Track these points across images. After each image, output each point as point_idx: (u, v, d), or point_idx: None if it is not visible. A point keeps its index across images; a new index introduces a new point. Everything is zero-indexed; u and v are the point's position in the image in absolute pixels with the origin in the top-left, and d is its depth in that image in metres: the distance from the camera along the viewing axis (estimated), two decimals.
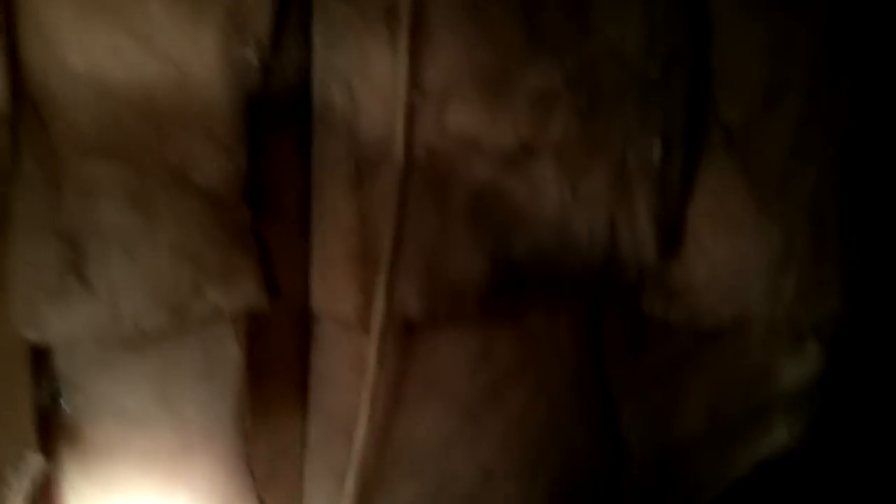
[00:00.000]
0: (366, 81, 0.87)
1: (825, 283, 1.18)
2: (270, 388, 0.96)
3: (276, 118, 0.88)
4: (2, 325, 0.81)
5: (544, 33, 0.93)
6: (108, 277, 0.80)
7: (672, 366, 1.19)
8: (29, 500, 0.84)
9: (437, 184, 0.93)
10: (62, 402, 0.89)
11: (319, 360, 1.00)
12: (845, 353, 1.21)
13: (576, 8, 0.95)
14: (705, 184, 1.13)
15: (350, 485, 1.01)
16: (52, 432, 0.90)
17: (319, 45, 0.87)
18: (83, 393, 0.89)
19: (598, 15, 0.97)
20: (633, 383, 1.19)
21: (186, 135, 0.81)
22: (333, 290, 0.94)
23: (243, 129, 0.84)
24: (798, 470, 1.23)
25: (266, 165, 0.91)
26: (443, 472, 1.06)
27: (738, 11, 1.08)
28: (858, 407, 1.25)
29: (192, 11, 0.78)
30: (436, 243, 0.93)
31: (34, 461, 0.84)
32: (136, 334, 0.83)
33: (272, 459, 0.98)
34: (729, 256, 1.13)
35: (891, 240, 1.24)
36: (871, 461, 1.28)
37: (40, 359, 0.87)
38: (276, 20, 0.83)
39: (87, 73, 0.77)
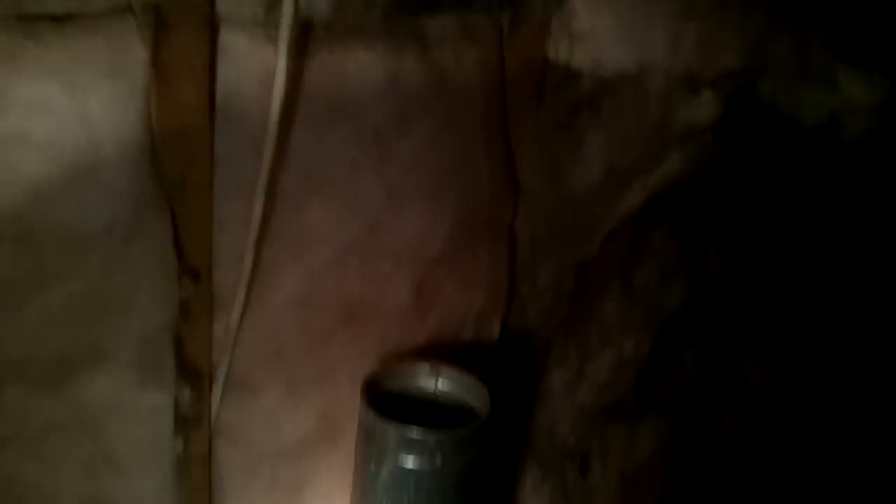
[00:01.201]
0: None
1: (725, 38, 1.23)
2: (178, 94, 0.97)
3: None
4: None
5: None
6: None
7: (573, 112, 1.24)
8: None
9: None
10: None
11: (227, 73, 1.00)
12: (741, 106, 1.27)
13: None
14: None
15: (258, 199, 1.05)
16: None
17: None
18: None
19: None
20: (534, 129, 1.24)
21: None
22: None
23: None
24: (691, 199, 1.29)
25: None
26: (350, 193, 1.11)
27: None
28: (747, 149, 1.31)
29: None
30: None
31: None
32: (38, 12, 0.82)
33: (182, 169, 1.00)
34: (633, 3, 1.17)
35: None
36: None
37: None
38: None
39: None
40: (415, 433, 1.05)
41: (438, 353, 1.24)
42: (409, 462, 1.06)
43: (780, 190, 1.41)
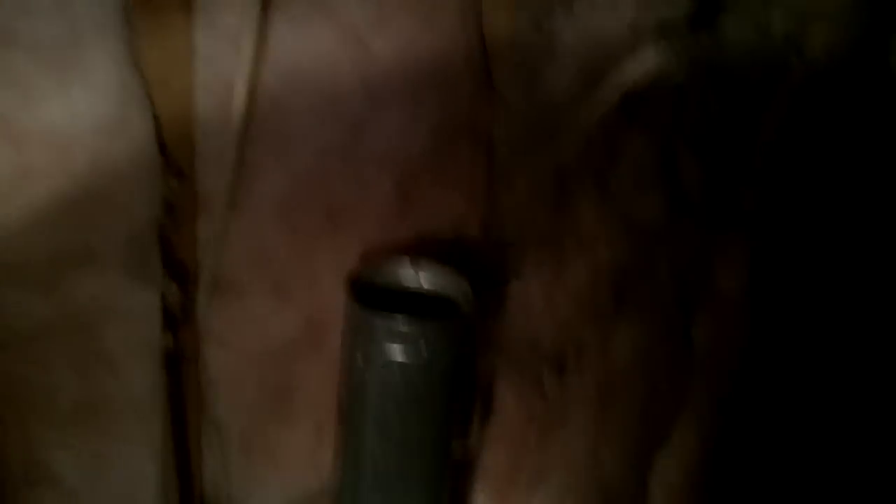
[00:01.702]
0: None
1: None
2: None
3: None
4: None
5: None
6: None
7: (548, 12, 1.25)
8: None
9: None
10: None
11: None
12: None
13: None
14: None
15: (239, 96, 1.06)
16: None
17: None
18: None
19: None
20: (509, 31, 1.25)
21: None
22: None
23: None
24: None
25: None
26: (330, 95, 1.12)
27: None
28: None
29: None
30: None
31: None
32: None
33: (164, 66, 1.01)
34: None
35: None
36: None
37: None
38: None
39: None
40: (401, 323, 1.08)
41: (420, 254, 1.27)
42: (397, 354, 1.09)
43: (750, 97, 1.45)
